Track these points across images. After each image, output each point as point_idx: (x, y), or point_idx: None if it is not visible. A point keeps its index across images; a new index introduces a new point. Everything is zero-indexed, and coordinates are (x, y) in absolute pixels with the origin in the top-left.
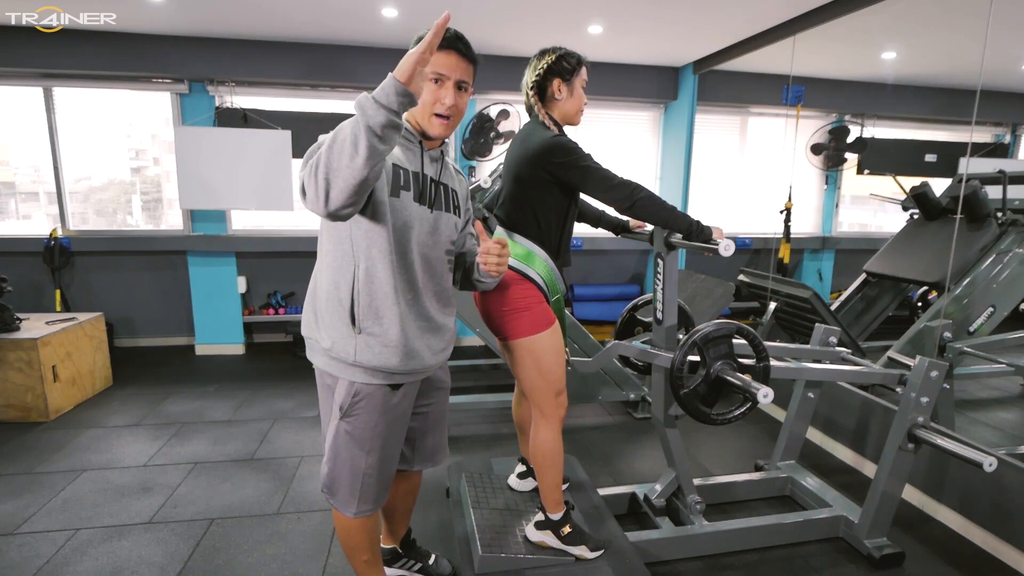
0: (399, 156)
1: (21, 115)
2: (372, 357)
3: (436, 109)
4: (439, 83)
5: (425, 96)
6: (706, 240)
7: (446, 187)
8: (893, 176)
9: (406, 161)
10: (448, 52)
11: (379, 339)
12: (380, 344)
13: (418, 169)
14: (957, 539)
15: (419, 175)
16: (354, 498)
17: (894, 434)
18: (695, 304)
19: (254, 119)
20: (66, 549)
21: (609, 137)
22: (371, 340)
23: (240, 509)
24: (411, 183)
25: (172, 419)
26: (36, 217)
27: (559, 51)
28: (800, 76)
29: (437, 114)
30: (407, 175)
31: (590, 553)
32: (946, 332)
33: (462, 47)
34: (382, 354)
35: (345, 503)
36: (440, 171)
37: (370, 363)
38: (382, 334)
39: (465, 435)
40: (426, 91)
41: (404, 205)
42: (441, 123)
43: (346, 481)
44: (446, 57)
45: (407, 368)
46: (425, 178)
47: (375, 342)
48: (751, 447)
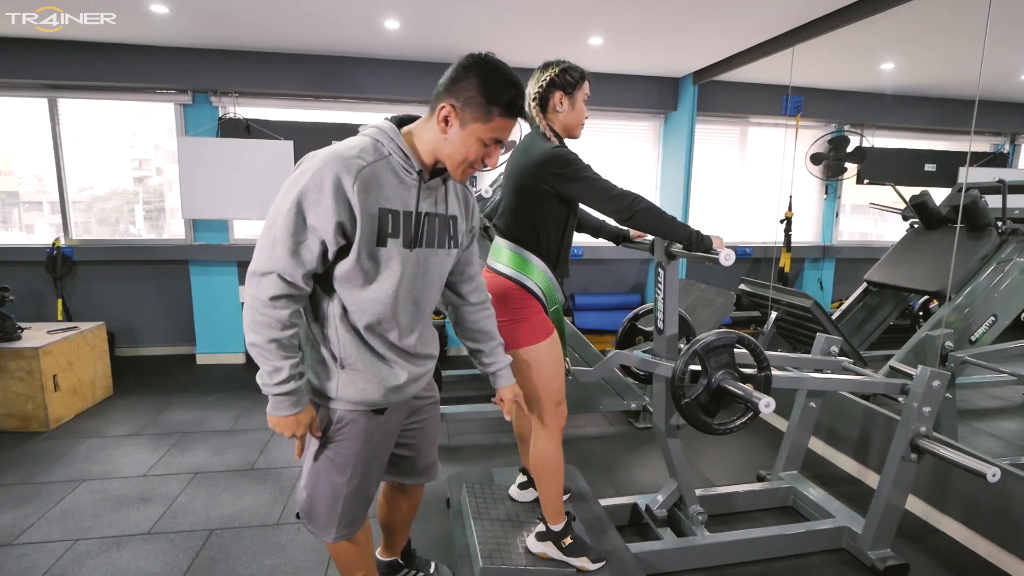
0: (389, 195)
1: (26, 126)
2: (355, 393)
3: (478, 167)
4: (490, 146)
5: (469, 154)
6: (706, 250)
7: (443, 218)
8: (893, 185)
9: (397, 200)
10: (510, 119)
11: (362, 375)
12: (363, 380)
13: (411, 207)
14: (961, 550)
15: (411, 214)
16: (332, 523)
17: (896, 444)
18: (696, 313)
19: (256, 130)
20: (65, 560)
21: (609, 147)
22: (354, 376)
23: (240, 520)
24: (399, 227)
25: (172, 429)
26: (39, 226)
27: (562, 64)
28: (799, 86)
29: (473, 167)
30: (395, 218)
31: (591, 565)
32: (948, 341)
33: (523, 113)
34: (365, 390)
35: (324, 528)
36: (437, 200)
37: (351, 398)
38: (364, 370)
39: (466, 445)
40: (469, 149)
41: (391, 255)
42: (471, 174)
43: (325, 506)
44: (507, 124)
45: (389, 401)
46: (419, 216)
47: (358, 378)
48: (753, 457)
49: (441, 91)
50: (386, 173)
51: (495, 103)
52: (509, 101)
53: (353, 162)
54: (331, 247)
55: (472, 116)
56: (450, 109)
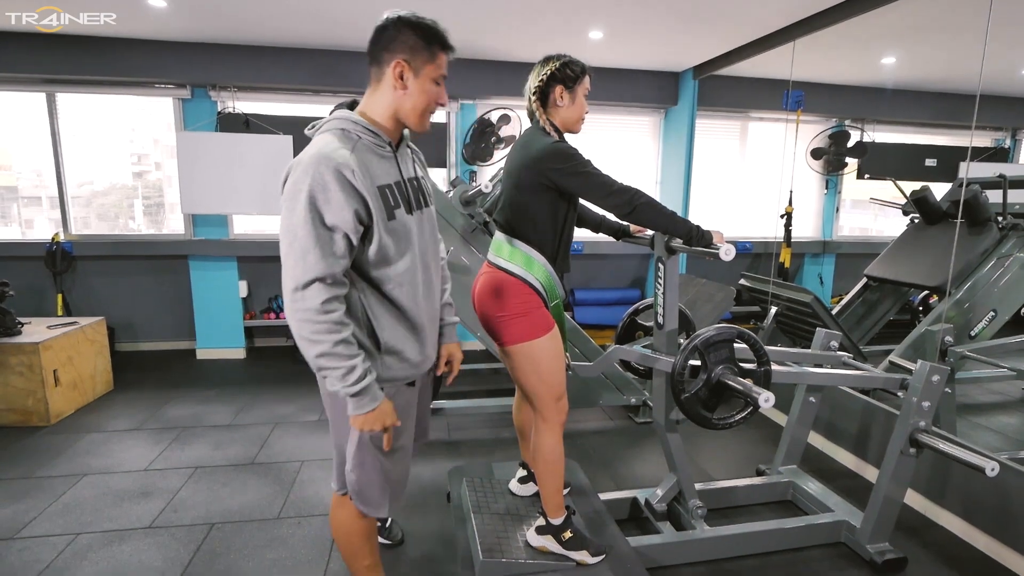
0: (380, 172)
1: (24, 120)
2: (396, 372)
3: (434, 110)
4: (439, 84)
5: (429, 98)
6: (706, 245)
7: (418, 179)
8: (893, 180)
9: (385, 173)
10: (447, 52)
11: (398, 354)
12: (399, 359)
13: (398, 177)
14: (960, 544)
15: (400, 183)
16: (385, 499)
17: (896, 439)
18: (696, 308)
19: (256, 124)
20: (66, 554)
21: (610, 142)
22: (392, 356)
23: (241, 514)
24: (398, 198)
25: (173, 423)
26: (38, 221)
27: (563, 58)
28: (800, 81)
29: (431, 112)
30: (392, 191)
31: (591, 558)
32: (947, 336)
33: (452, 46)
34: (402, 367)
35: (378, 506)
36: (411, 165)
37: (393, 377)
38: (400, 348)
39: (466, 439)
40: (428, 93)
41: (403, 224)
42: (429, 120)
43: (376, 486)
44: (445, 57)
45: (420, 371)
46: (405, 184)
47: (395, 357)
48: (752, 451)
49: (383, 54)
50: (367, 155)
51: (434, 42)
52: (442, 36)
53: (339, 154)
54: (353, 238)
55: (422, 61)
56: (403, 64)
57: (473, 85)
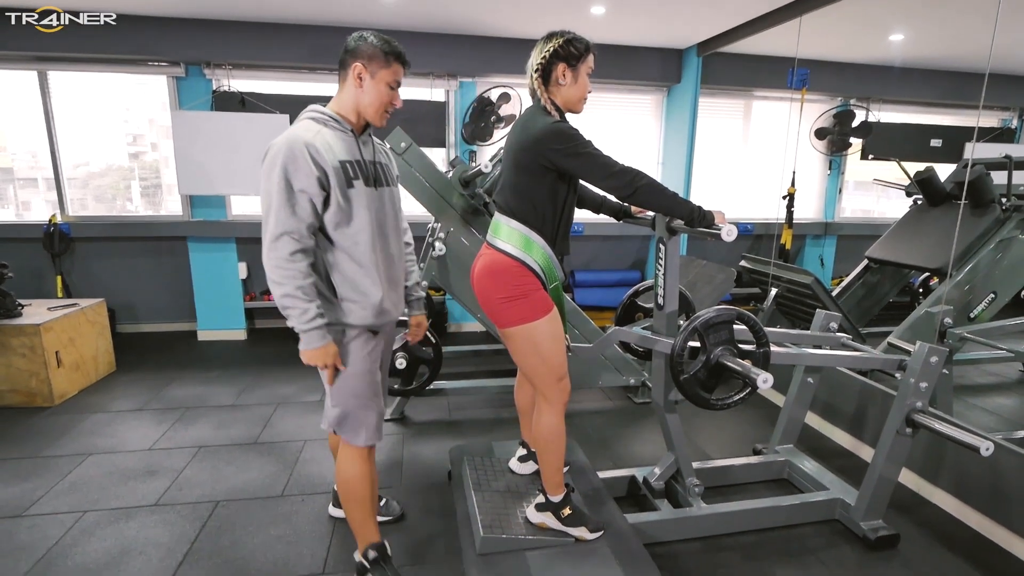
0: (341, 150)
1: (16, 100)
2: (356, 318)
3: (390, 109)
4: (394, 89)
5: (382, 98)
6: (708, 225)
7: (380, 164)
8: (897, 161)
9: (346, 152)
10: (402, 66)
11: (359, 303)
12: (360, 308)
13: (357, 156)
14: (952, 521)
15: (360, 162)
16: (361, 428)
17: (892, 419)
18: (696, 290)
19: (252, 103)
20: (75, 530)
21: (611, 121)
22: (354, 305)
23: (245, 492)
24: (357, 171)
25: (176, 404)
26: (35, 203)
27: (567, 35)
28: (806, 59)
29: (387, 111)
30: (352, 166)
31: (589, 534)
32: (947, 318)
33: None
34: (363, 316)
35: (355, 433)
36: (372, 151)
37: (354, 322)
38: (361, 299)
39: (467, 419)
40: (381, 93)
41: (359, 193)
42: (387, 117)
43: (352, 414)
44: (401, 68)
45: (381, 322)
46: (365, 162)
47: (356, 306)
48: (750, 431)
49: (347, 59)
50: (332, 136)
51: (390, 53)
52: (397, 50)
53: (308, 135)
54: (317, 201)
55: (378, 66)
56: (361, 67)
57: (472, 62)
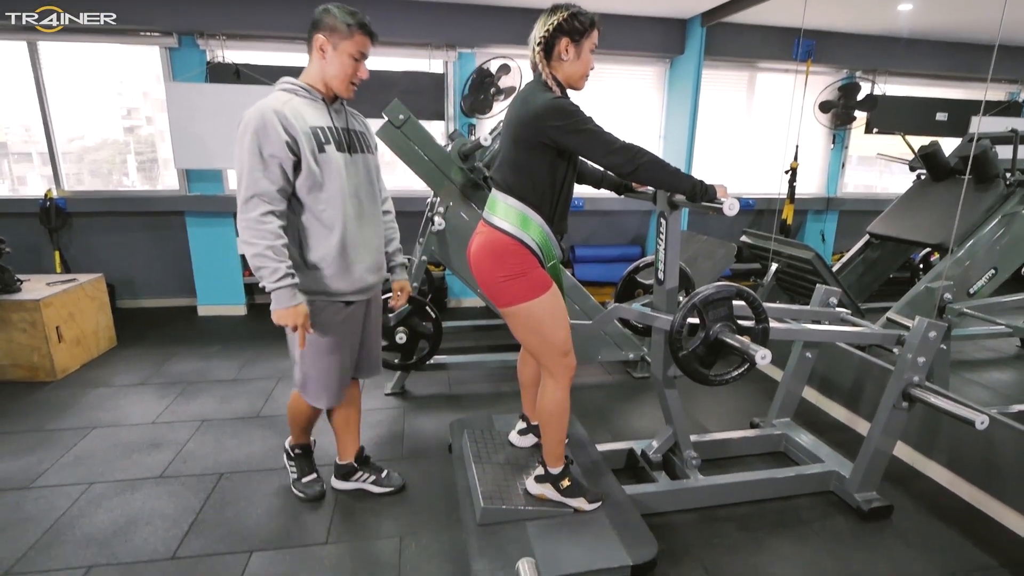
0: (312, 117)
1: (7, 72)
2: (326, 287)
3: (355, 80)
4: (359, 61)
5: (346, 69)
6: (710, 199)
7: (355, 131)
8: (902, 135)
9: (317, 118)
10: (368, 37)
11: (332, 274)
12: (334, 278)
13: (329, 123)
14: (945, 494)
15: (332, 128)
16: (323, 394)
17: (889, 393)
18: (696, 265)
19: (247, 75)
20: (81, 501)
21: (612, 94)
22: (327, 274)
23: (248, 464)
24: (330, 137)
25: (177, 378)
26: (30, 178)
27: (572, 8)
28: (811, 29)
29: (352, 83)
30: (323, 132)
31: (588, 505)
32: (946, 293)
33: (374, 33)
34: (337, 286)
35: (316, 397)
36: (345, 119)
37: (326, 291)
38: (334, 268)
39: (467, 393)
40: (346, 66)
41: (330, 158)
42: (354, 89)
43: (314, 381)
44: (366, 40)
45: (354, 289)
46: (337, 129)
47: (329, 275)
48: (747, 405)
49: (312, 31)
50: (302, 104)
51: (352, 24)
52: (361, 21)
53: (277, 103)
54: (287, 166)
55: (340, 38)
56: (324, 39)
57: (471, 32)
